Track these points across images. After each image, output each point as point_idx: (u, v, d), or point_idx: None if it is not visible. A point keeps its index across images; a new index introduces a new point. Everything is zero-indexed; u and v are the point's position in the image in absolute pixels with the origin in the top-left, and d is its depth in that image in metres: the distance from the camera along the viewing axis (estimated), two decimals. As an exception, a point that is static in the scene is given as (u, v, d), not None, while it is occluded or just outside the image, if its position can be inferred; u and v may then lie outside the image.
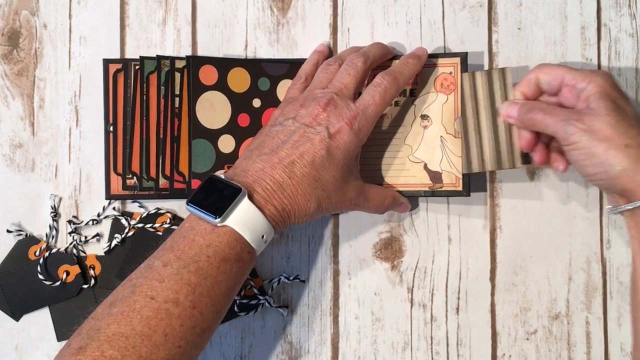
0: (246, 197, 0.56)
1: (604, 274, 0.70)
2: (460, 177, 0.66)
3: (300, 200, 0.58)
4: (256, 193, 0.57)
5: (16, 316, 0.67)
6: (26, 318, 0.67)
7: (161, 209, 0.68)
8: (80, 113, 0.68)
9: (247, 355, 0.68)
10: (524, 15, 0.71)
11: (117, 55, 0.69)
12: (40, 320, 0.67)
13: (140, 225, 0.67)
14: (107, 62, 0.67)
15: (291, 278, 0.68)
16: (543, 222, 0.70)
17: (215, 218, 0.55)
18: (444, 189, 0.66)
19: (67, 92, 0.68)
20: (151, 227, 0.67)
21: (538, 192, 0.70)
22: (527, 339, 0.69)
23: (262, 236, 0.57)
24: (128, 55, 0.69)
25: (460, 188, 0.66)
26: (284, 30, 0.70)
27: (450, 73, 0.67)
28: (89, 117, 0.68)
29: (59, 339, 0.67)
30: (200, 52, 0.69)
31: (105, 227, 0.68)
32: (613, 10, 0.71)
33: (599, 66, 0.71)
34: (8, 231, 0.67)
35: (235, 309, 0.67)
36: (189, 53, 0.69)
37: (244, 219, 0.56)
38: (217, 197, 0.56)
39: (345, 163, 0.60)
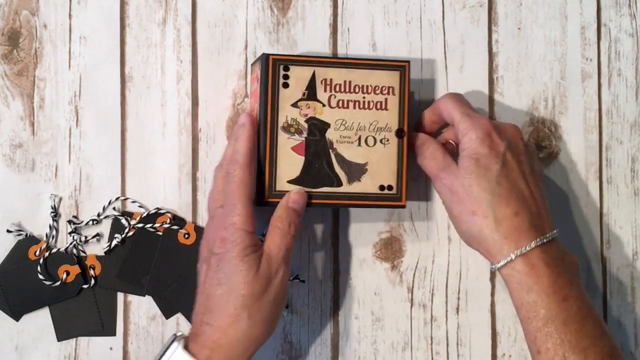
0: (179, 345, 0.58)
1: (604, 274, 0.70)
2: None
3: (226, 324, 0.58)
4: (193, 343, 0.58)
5: (16, 316, 0.67)
6: (26, 318, 0.67)
7: (161, 209, 0.68)
8: (80, 113, 0.68)
9: (247, 355, 0.68)
10: (524, 15, 0.71)
11: (117, 55, 0.69)
12: (40, 320, 0.67)
13: (140, 225, 0.67)
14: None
15: (291, 278, 0.68)
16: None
17: None
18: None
19: (67, 92, 0.68)
20: (151, 227, 0.67)
21: (538, 192, 0.70)
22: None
23: None
24: (128, 55, 0.69)
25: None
26: (284, 30, 0.70)
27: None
28: (89, 117, 0.68)
29: (59, 338, 0.67)
30: (200, 52, 0.69)
31: (105, 227, 0.68)
32: (613, 10, 0.71)
33: (599, 65, 0.71)
34: (8, 231, 0.67)
35: None
36: (189, 53, 0.69)
37: None
38: None
39: (242, 258, 0.59)
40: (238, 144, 0.61)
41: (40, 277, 0.66)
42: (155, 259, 0.67)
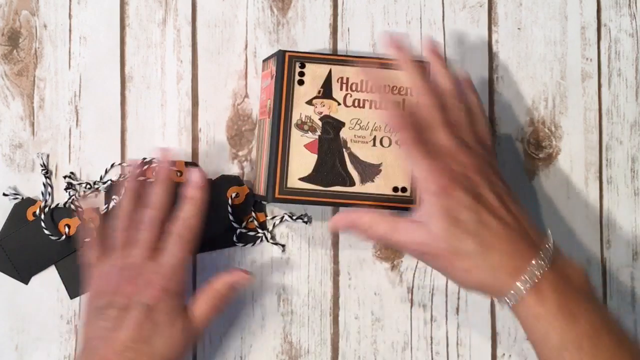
0: None
1: (604, 274, 0.70)
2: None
3: None
4: None
5: (25, 279, 0.67)
6: (26, 317, 0.67)
7: (146, 158, 0.67)
8: (80, 113, 0.68)
9: (247, 355, 0.68)
10: (524, 15, 0.71)
11: (117, 55, 0.69)
12: (41, 319, 0.67)
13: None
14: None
15: (294, 218, 0.68)
16: (543, 222, 0.70)
17: None
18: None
19: (67, 92, 0.68)
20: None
21: (538, 192, 0.70)
22: (527, 339, 0.69)
23: None
24: (128, 55, 0.69)
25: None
26: (284, 30, 0.70)
27: None
28: (89, 117, 0.68)
29: (72, 296, 0.67)
30: (200, 52, 0.69)
31: (101, 194, 0.68)
32: (613, 10, 0.71)
33: (599, 65, 0.71)
34: (4, 194, 0.67)
35: (235, 238, 0.67)
36: (189, 53, 0.69)
37: None
38: None
39: (173, 323, 0.58)
40: (192, 207, 0.60)
41: (47, 232, 0.66)
42: None
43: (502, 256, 0.55)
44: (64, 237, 0.66)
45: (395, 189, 0.63)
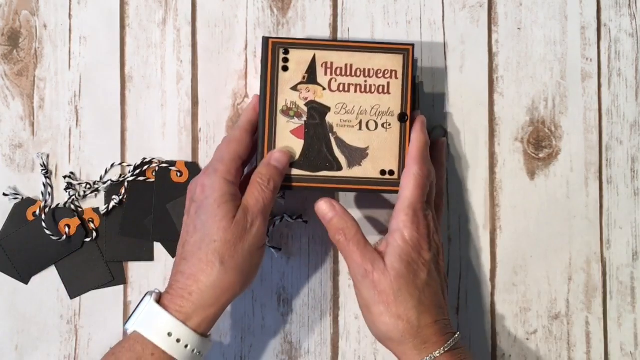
0: (150, 298, 0.58)
1: (604, 274, 0.70)
2: None
3: (197, 270, 0.58)
4: (166, 294, 0.59)
5: (25, 279, 0.67)
6: (26, 317, 0.67)
7: (147, 158, 0.68)
8: (80, 113, 0.68)
9: (247, 355, 0.68)
10: (524, 15, 0.71)
11: (117, 55, 0.69)
12: (41, 319, 0.67)
13: (131, 178, 0.67)
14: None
15: (294, 217, 0.68)
16: (543, 222, 0.70)
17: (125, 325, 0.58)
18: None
19: (67, 92, 0.68)
20: (141, 172, 0.67)
21: (538, 192, 0.70)
22: (527, 339, 0.69)
23: (169, 334, 0.57)
24: (128, 55, 0.69)
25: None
26: (284, 30, 0.70)
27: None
28: (89, 117, 0.68)
29: (72, 296, 0.67)
30: (200, 52, 0.69)
31: (100, 198, 0.68)
32: (613, 10, 0.71)
33: (599, 65, 0.71)
34: (4, 194, 0.67)
35: None
36: (189, 53, 0.69)
37: (145, 318, 0.57)
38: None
39: (219, 207, 0.59)
40: (242, 114, 0.63)
41: (48, 232, 0.66)
42: (153, 204, 0.67)
43: (431, 329, 0.59)
44: (64, 237, 0.66)
45: (382, 172, 0.63)
